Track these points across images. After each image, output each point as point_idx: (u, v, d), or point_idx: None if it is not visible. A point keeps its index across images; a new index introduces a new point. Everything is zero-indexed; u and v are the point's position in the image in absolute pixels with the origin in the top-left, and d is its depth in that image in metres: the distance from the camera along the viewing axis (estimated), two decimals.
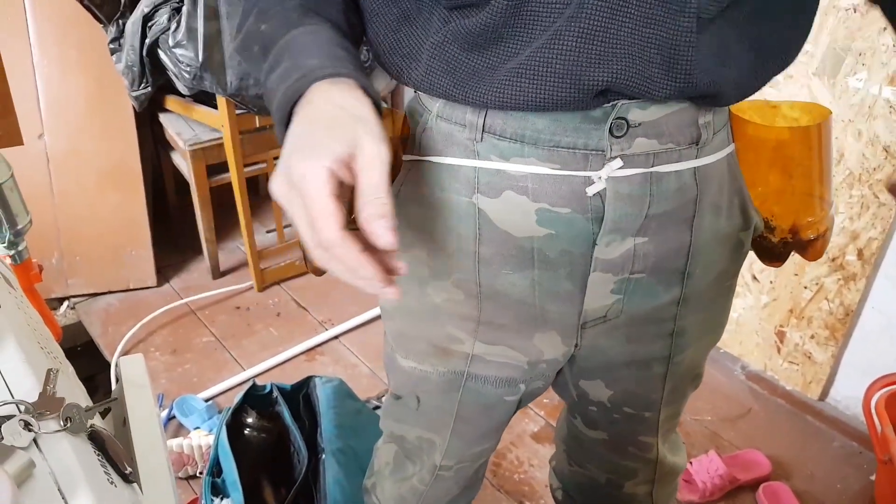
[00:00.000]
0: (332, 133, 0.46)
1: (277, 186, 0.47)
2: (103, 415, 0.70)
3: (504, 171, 0.58)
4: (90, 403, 0.60)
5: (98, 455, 0.49)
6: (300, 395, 1.33)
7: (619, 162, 0.56)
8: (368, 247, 0.45)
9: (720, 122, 0.62)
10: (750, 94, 0.59)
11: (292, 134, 0.48)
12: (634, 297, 0.64)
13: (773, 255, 0.73)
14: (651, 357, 0.70)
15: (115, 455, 0.49)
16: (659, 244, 0.61)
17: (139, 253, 2.01)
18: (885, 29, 1.32)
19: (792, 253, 0.73)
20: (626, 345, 0.68)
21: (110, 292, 2.02)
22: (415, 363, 0.72)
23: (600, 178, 0.56)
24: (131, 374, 0.69)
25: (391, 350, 0.75)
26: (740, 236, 0.67)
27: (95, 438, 0.49)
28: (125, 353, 1.81)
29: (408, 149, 0.64)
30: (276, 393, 1.29)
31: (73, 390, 0.58)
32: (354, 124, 0.46)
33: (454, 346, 0.68)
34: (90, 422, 0.48)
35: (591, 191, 0.57)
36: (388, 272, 0.47)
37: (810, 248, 0.72)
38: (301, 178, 0.45)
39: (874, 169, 1.40)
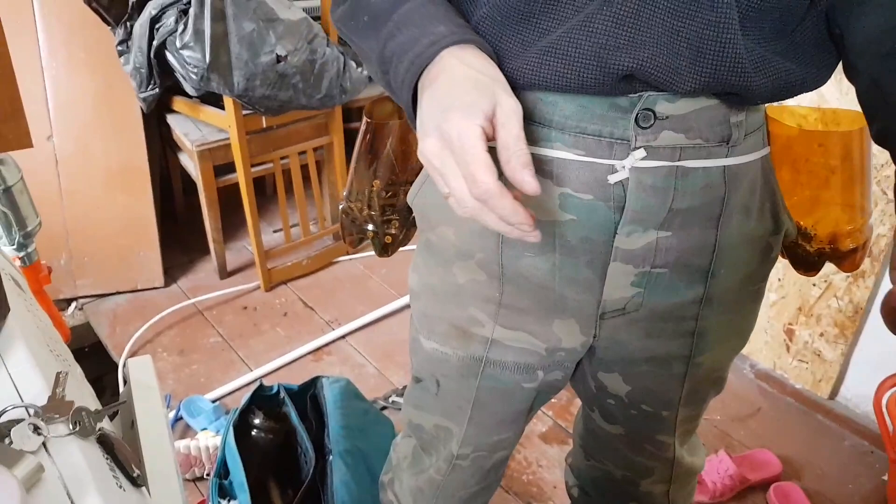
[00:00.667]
0: (478, 92, 0.49)
1: (430, 144, 0.49)
2: (112, 417, 0.70)
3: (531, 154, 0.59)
4: (99, 406, 0.61)
5: (107, 459, 0.49)
6: (307, 395, 1.34)
7: (642, 152, 0.56)
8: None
9: (754, 124, 0.61)
10: (779, 99, 0.58)
11: (436, 95, 0.50)
12: (655, 292, 0.64)
13: (807, 263, 0.72)
14: (670, 355, 0.69)
15: (124, 458, 0.49)
16: (682, 240, 0.61)
17: (147, 254, 2.02)
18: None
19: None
20: (646, 339, 0.68)
21: (118, 293, 2.02)
22: (437, 344, 0.73)
23: (623, 167, 0.57)
24: (139, 376, 0.69)
25: (416, 332, 0.77)
26: (770, 240, 0.66)
27: (104, 442, 0.49)
28: (133, 353, 1.82)
29: None
30: (283, 394, 1.29)
31: (81, 393, 0.58)
32: (492, 84, 0.50)
33: (475, 329, 0.69)
34: (99, 425, 0.48)
35: (612, 179, 0.57)
36: None
37: (848, 259, 0.71)
38: (458, 136, 0.47)
39: (881, 165, 1.39)
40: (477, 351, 0.70)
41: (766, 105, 0.64)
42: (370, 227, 0.74)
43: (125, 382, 0.71)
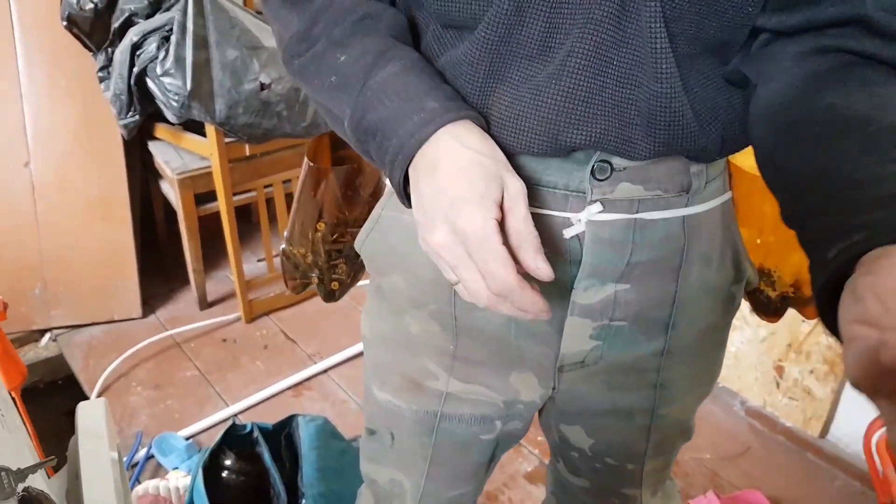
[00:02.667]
0: (486, 181, 0.47)
1: (441, 238, 0.47)
2: (57, 468, 0.65)
3: None
4: (36, 456, 0.56)
5: None
6: (282, 434, 1.29)
7: (598, 206, 0.54)
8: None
9: (715, 171, 0.59)
10: (739, 150, 0.56)
11: (440, 183, 0.47)
12: (615, 345, 0.61)
13: (769, 309, 0.71)
14: (633, 407, 0.67)
15: None
16: (642, 292, 0.59)
17: (125, 283, 1.97)
18: None
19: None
20: (607, 392, 0.65)
21: (94, 324, 1.97)
22: (390, 396, 0.70)
23: (579, 220, 0.54)
24: (89, 422, 0.65)
25: (369, 381, 0.73)
26: (732, 289, 0.64)
27: (30, 501, 0.45)
28: (106, 387, 1.77)
29: None
30: (256, 433, 1.24)
31: (17, 444, 0.54)
32: (496, 166, 0.48)
33: (429, 382, 0.66)
34: (21, 485, 0.44)
35: (568, 233, 0.55)
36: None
37: (811, 304, 0.69)
38: (474, 232, 0.45)
39: None
40: (431, 405, 0.67)
41: None
42: (315, 272, 0.70)
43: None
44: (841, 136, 0.42)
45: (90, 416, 0.66)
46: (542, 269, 0.46)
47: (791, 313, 1.56)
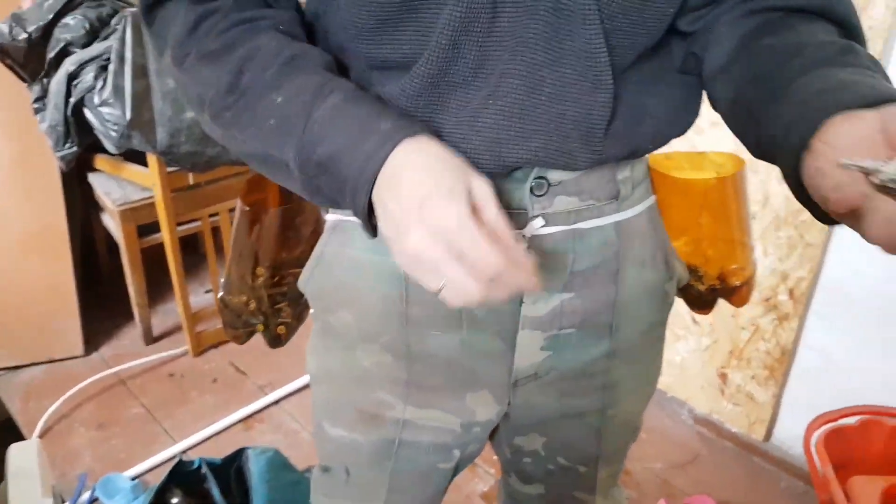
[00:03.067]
0: (452, 175, 0.46)
1: (417, 239, 0.44)
2: None
3: None
4: None
5: None
6: (232, 468, 1.26)
7: (540, 221, 0.56)
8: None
9: (639, 176, 0.63)
10: (667, 143, 0.60)
11: (404, 192, 0.45)
12: (564, 353, 0.63)
13: (701, 302, 0.75)
14: (584, 410, 0.69)
15: None
16: (586, 299, 0.61)
17: (65, 321, 1.91)
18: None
19: (719, 300, 0.74)
20: (560, 400, 0.67)
21: (33, 364, 1.90)
22: (344, 431, 0.69)
23: (524, 236, 0.56)
24: (20, 465, 0.63)
25: (319, 418, 0.72)
26: (665, 287, 0.68)
27: None
28: (47, 429, 1.70)
29: (331, 209, 0.63)
30: (204, 468, 1.21)
31: None
32: (461, 164, 0.47)
33: (385, 412, 0.66)
34: None
35: None
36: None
37: (737, 294, 0.74)
38: (449, 224, 0.44)
39: (798, 210, 1.45)
40: (389, 433, 0.67)
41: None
42: (259, 318, 0.69)
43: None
44: (785, 61, 0.49)
45: (22, 458, 0.64)
46: (525, 267, 0.46)
47: (730, 320, 1.62)
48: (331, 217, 0.63)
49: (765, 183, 1.47)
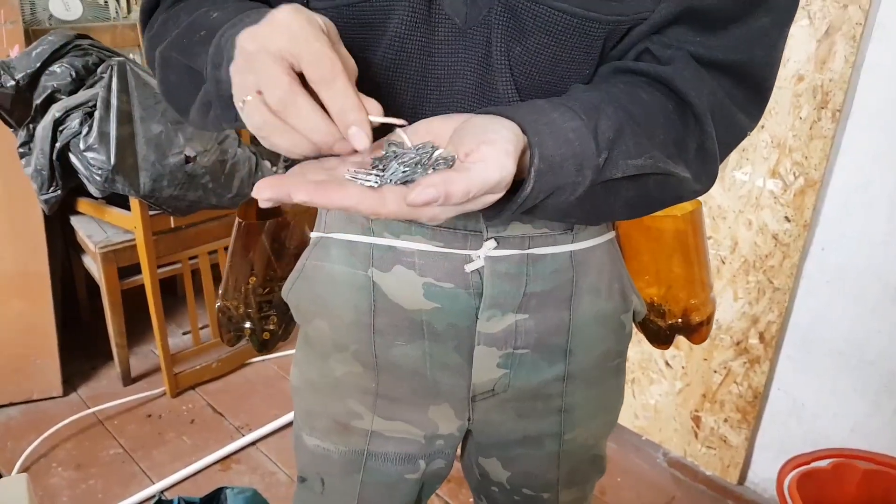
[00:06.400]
0: (311, 33, 0.44)
1: (234, 64, 0.45)
2: None
3: (395, 247, 0.62)
4: None
5: None
6: None
7: (493, 242, 0.60)
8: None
9: None
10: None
11: (265, 28, 0.44)
12: (521, 372, 0.66)
13: (659, 338, 0.78)
14: (542, 433, 0.72)
15: None
16: (539, 321, 0.64)
17: (44, 361, 1.91)
18: (762, 127, 1.43)
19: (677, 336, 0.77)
20: (517, 420, 0.70)
21: (11, 404, 1.89)
22: (318, 441, 0.73)
23: (478, 256, 0.60)
24: (8, 500, 0.64)
25: (298, 429, 0.76)
26: (621, 318, 0.71)
27: None
28: (24, 469, 1.68)
29: (315, 227, 0.69)
30: None
31: None
32: (309, 20, 0.45)
33: (354, 423, 0.70)
34: None
35: (468, 268, 0.61)
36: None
37: (697, 331, 0.77)
38: (255, 47, 0.43)
39: (766, 255, 1.48)
40: (358, 444, 0.71)
41: None
42: (247, 324, 0.74)
43: None
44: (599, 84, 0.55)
45: (9, 495, 0.65)
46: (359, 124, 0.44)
47: (702, 363, 1.63)
48: (314, 234, 0.68)
49: (733, 229, 1.51)
